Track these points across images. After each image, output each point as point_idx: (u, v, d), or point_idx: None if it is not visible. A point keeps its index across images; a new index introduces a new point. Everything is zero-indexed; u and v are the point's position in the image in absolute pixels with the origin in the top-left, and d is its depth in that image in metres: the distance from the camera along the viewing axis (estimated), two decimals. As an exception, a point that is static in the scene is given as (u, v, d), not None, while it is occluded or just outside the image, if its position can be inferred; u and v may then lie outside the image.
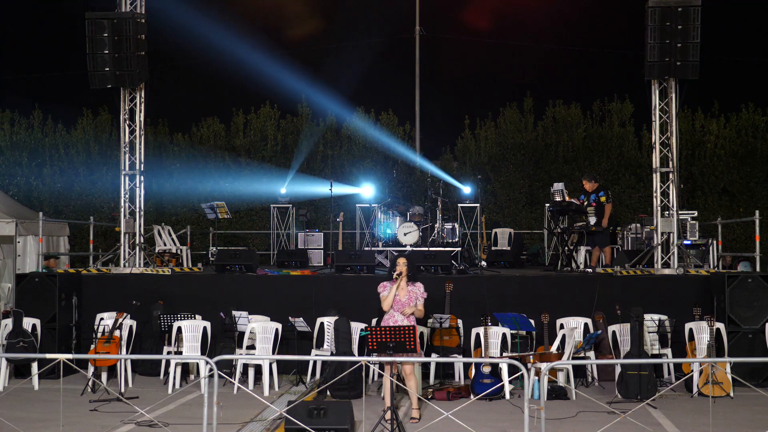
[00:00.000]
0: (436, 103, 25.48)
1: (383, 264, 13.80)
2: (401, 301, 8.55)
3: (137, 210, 13.35)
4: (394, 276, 8.55)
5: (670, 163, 12.75)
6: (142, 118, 13.39)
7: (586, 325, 10.81)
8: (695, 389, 9.81)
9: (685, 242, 13.40)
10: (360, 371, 9.46)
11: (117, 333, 10.19)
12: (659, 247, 12.57)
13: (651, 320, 10.35)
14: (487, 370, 9.73)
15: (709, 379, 9.67)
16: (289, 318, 10.76)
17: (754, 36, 25.72)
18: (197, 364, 10.71)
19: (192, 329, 10.49)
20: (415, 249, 13.71)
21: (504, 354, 10.10)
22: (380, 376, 10.17)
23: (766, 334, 10.51)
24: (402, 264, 8.57)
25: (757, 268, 13.13)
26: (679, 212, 12.80)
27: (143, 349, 11.21)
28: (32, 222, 14.10)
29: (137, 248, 13.26)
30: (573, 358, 9.91)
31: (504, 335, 10.26)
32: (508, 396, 9.69)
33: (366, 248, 14.42)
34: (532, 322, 10.60)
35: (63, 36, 25.14)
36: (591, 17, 25.49)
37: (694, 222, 14.33)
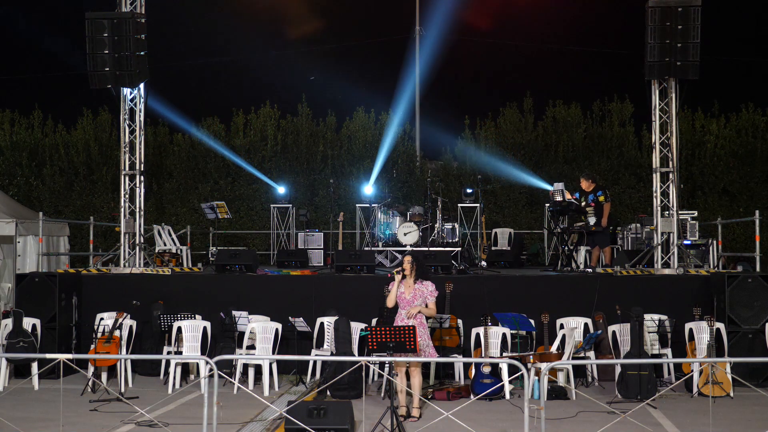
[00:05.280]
0: (436, 103, 25.48)
1: (383, 264, 13.80)
2: (406, 299, 8.59)
3: (137, 210, 13.35)
4: (394, 272, 8.60)
5: (670, 163, 12.75)
6: (142, 118, 13.39)
7: (586, 325, 10.81)
8: (695, 389, 9.81)
9: (685, 242, 13.39)
10: (360, 371, 9.47)
11: (117, 333, 10.19)
12: (659, 247, 12.56)
13: (651, 320, 10.35)
14: (487, 370, 9.73)
15: (709, 379, 9.67)
16: (289, 318, 10.76)
17: (754, 36, 25.73)
18: (197, 364, 10.71)
19: (192, 329, 10.49)
20: (415, 249, 13.71)
21: (504, 354, 10.10)
22: (380, 376, 10.18)
23: (766, 334, 10.51)
24: (406, 262, 8.60)
25: (757, 268, 13.13)
26: (679, 212, 12.80)
27: (143, 349, 11.20)
28: (32, 222, 14.10)
29: (137, 248, 13.26)
30: (573, 358, 9.91)
31: (504, 335, 10.26)
32: (508, 396, 9.69)
33: (366, 248, 14.42)
34: (532, 322, 10.60)
35: (63, 36, 25.15)
36: (591, 17, 25.49)
37: (694, 222, 14.33)
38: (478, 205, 16.16)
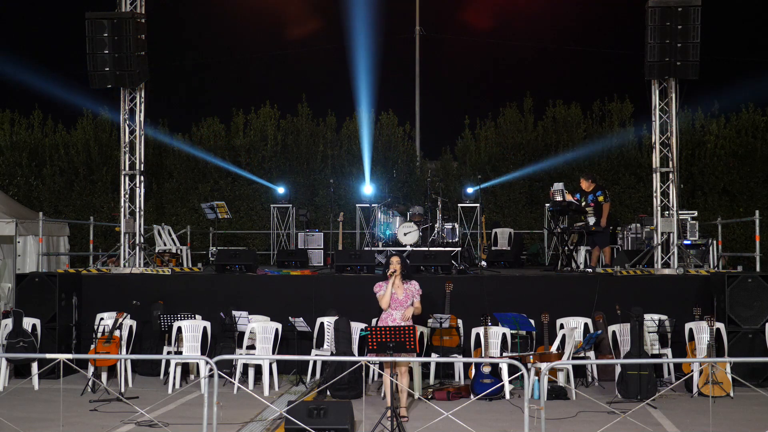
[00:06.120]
0: (436, 103, 25.48)
1: (383, 264, 13.80)
2: (398, 299, 8.60)
3: (137, 210, 13.35)
4: (389, 274, 8.60)
5: (670, 163, 12.75)
6: (142, 118, 13.39)
7: (586, 325, 10.81)
8: (695, 389, 9.81)
9: (685, 242, 13.39)
10: (360, 371, 9.47)
11: (117, 333, 10.19)
12: (659, 247, 12.57)
13: (651, 320, 10.35)
14: (487, 370, 9.73)
15: (709, 379, 9.67)
16: (289, 318, 10.76)
17: (754, 36, 25.73)
18: (197, 364, 10.72)
19: (192, 329, 10.49)
20: (415, 249, 13.71)
21: (504, 354, 10.10)
22: (380, 376, 10.18)
23: (766, 334, 10.51)
24: (396, 262, 8.63)
25: (757, 268, 13.13)
26: (679, 212, 12.80)
27: (143, 349, 11.21)
28: (32, 222, 14.10)
29: (137, 248, 13.26)
30: (573, 358, 9.91)
31: (504, 335, 10.26)
32: (508, 396, 9.70)
33: (366, 248, 14.42)
34: (532, 322, 10.60)
35: (63, 36, 25.17)
36: (591, 17, 25.50)
37: (694, 222, 14.32)
38: (478, 205, 16.16)
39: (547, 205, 15.07)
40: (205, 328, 10.55)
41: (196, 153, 19.57)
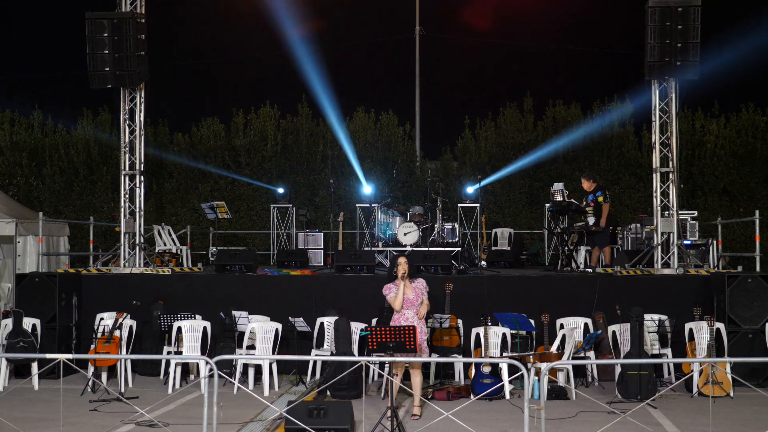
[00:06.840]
0: (436, 103, 25.48)
1: (383, 264, 13.81)
2: (409, 299, 8.63)
3: (137, 210, 13.35)
4: (400, 275, 8.58)
5: (670, 163, 12.75)
6: (142, 118, 13.38)
7: (586, 325, 10.81)
8: (695, 389, 9.81)
9: (685, 242, 13.39)
10: (360, 371, 9.47)
11: (117, 333, 10.19)
12: (659, 247, 12.57)
13: (651, 320, 10.35)
14: (487, 370, 9.73)
15: (709, 379, 9.67)
16: (289, 318, 10.76)
17: (753, 35, 25.69)
18: (197, 364, 10.72)
19: (192, 329, 10.49)
20: (415, 249, 13.71)
21: (504, 354, 10.10)
22: (380, 376, 10.19)
23: (766, 334, 10.51)
24: (404, 263, 8.64)
25: (757, 268, 13.13)
26: (679, 212, 12.80)
27: (143, 349, 11.21)
28: (32, 222, 14.10)
29: (137, 248, 13.26)
30: (573, 358, 9.91)
31: (504, 335, 10.26)
32: (508, 396, 9.70)
33: (366, 248, 14.42)
34: (532, 322, 10.60)
35: (63, 36, 25.17)
36: (591, 17, 25.50)
37: (694, 222, 14.32)
38: (478, 205, 16.15)
39: (547, 205, 15.07)
40: (205, 328, 10.55)
41: (194, 164, 19.59)
